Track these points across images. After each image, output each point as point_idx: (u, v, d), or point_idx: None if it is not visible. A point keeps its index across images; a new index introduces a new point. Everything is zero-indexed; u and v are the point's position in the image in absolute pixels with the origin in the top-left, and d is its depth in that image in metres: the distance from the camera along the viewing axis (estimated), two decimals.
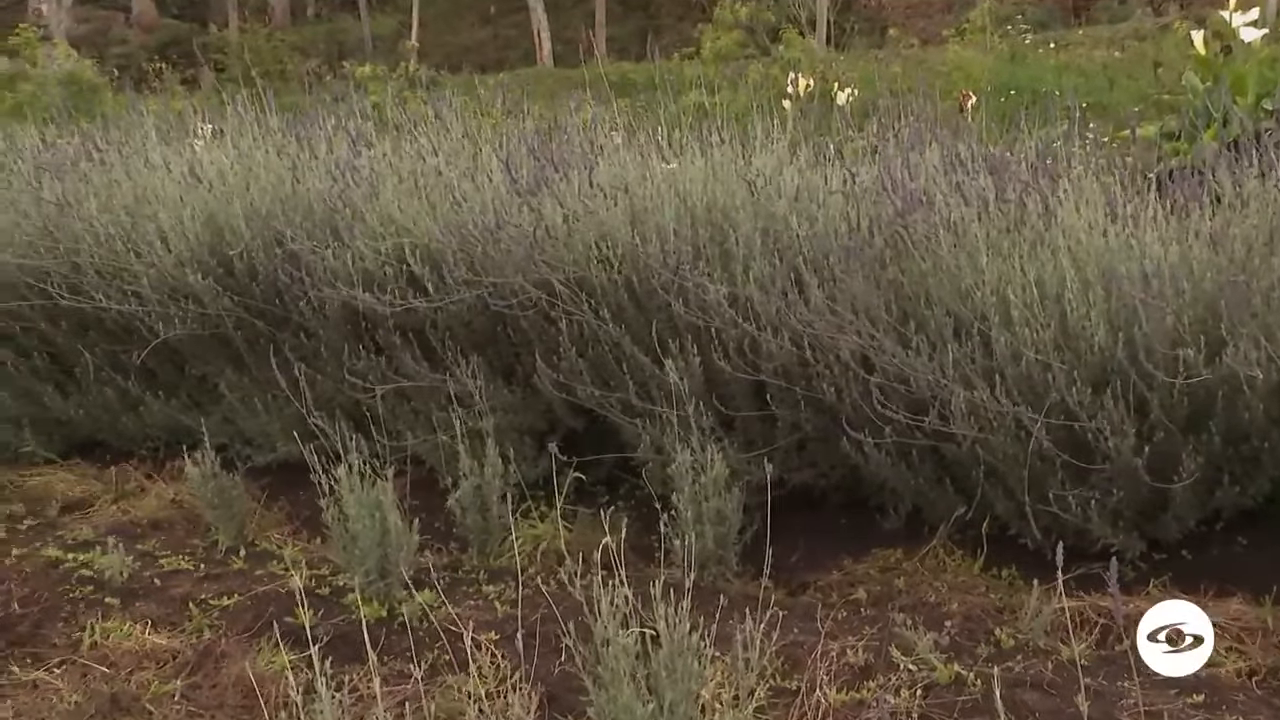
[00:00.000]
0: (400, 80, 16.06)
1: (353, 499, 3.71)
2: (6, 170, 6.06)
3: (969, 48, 16.61)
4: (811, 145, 4.91)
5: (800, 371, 4.05)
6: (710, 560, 3.82)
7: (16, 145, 6.44)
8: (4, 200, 5.74)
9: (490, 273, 4.46)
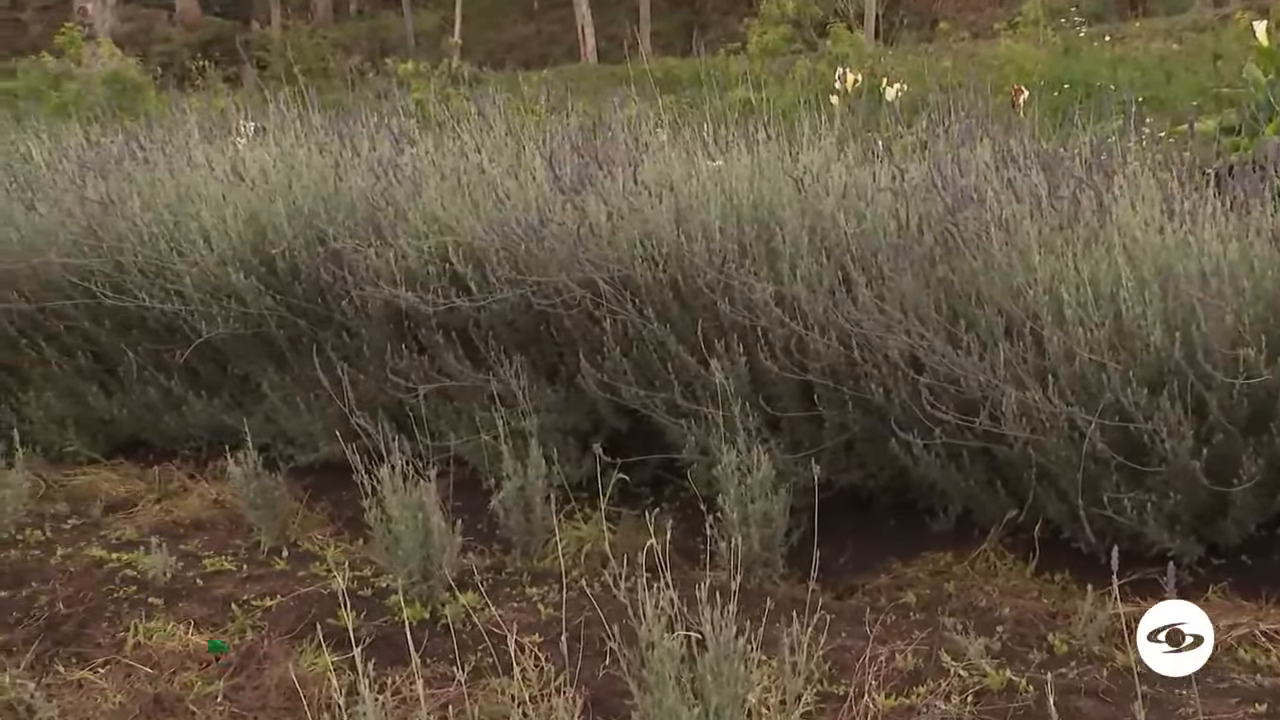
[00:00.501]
0: (443, 77, 16.13)
1: (395, 500, 3.73)
2: (52, 169, 6.14)
3: (1021, 41, 16.46)
4: (859, 142, 4.89)
5: (848, 371, 4.04)
6: (756, 563, 3.81)
7: (62, 144, 6.52)
8: (49, 199, 5.82)
9: (534, 271, 4.47)
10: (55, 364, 5.68)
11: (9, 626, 3.79)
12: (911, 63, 14.71)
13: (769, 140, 4.75)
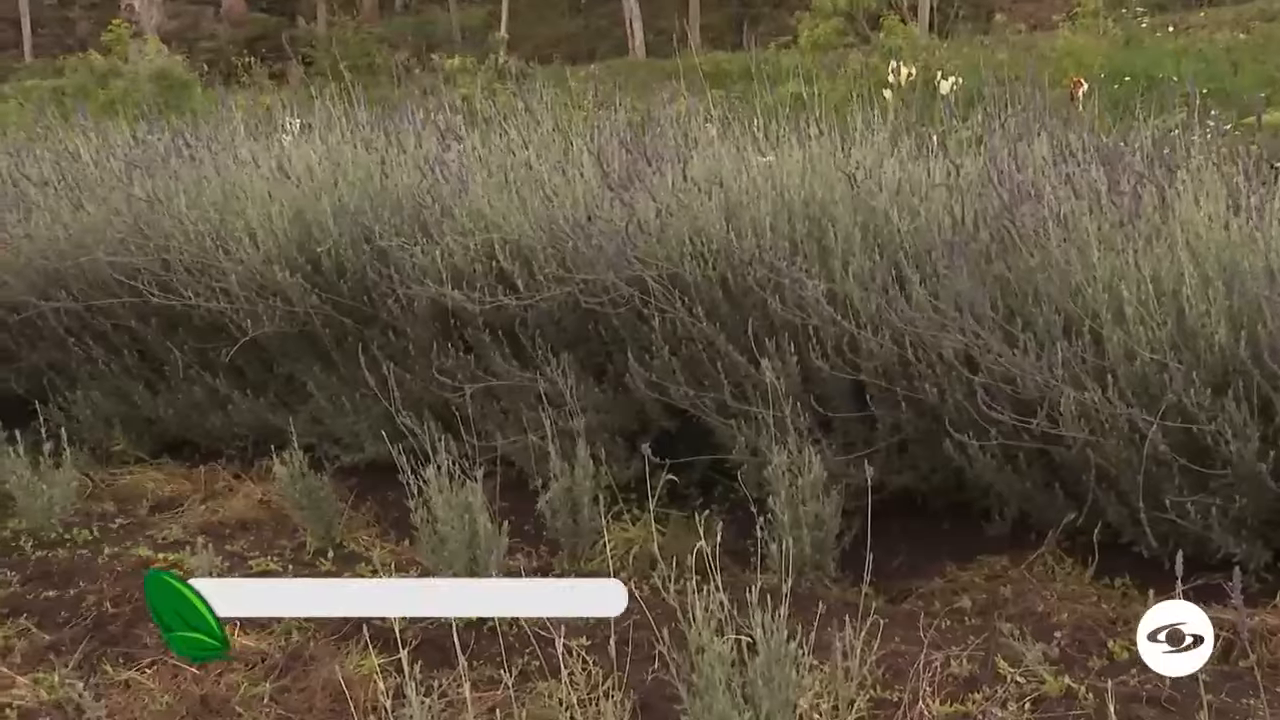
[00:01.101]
0: (489, 72, 16.21)
1: (441, 500, 3.75)
2: (99, 167, 6.22)
3: (1081, 32, 16.33)
4: (913, 136, 4.87)
5: (901, 371, 4.02)
6: (808, 566, 3.80)
7: (109, 142, 6.61)
8: (96, 197, 5.90)
9: (581, 269, 4.48)
10: (102, 363, 5.76)
11: (57, 626, 3.85)
12: (967, 55, 14.61)
13: (821, 135, 4.73)
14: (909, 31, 17.95)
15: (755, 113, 5.10)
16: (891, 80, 7.86)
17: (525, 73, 14.91)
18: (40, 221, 5.91)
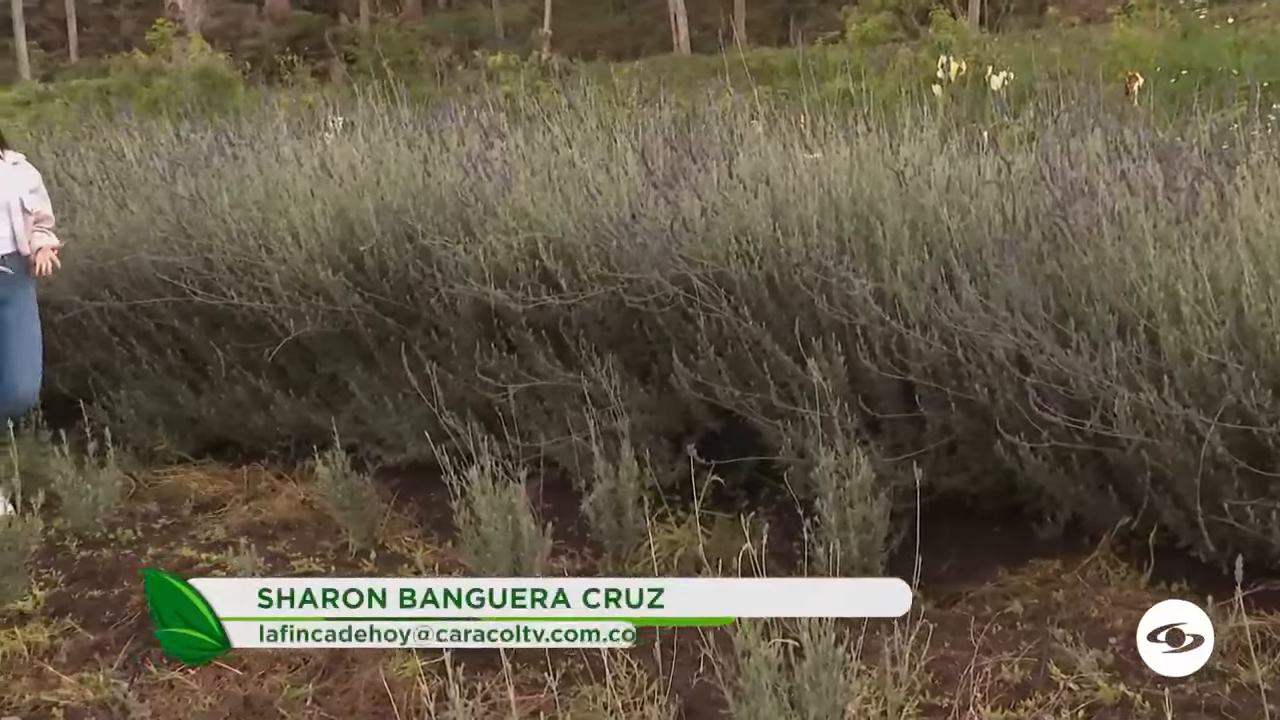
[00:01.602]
0: (533, 69, 16.26)
1: (485, 501, 3.77)
2: (143, 166, 6.29)
3: (1136, 25, 16.17)
4: (963, 133, 4.84)
5: (951, 371, 4.00)
6: (855, 569, 3.79)
7: (152, 141, 6.68)
8: (140, 196, 5.97)
9: (625, 268, 4.48)
10: (145, 362, 5.83)
11: (102, 626, 3.90)
12: (1018, 50, 14.51)
13: (869, 132, 4.72)
14: (959, 26, 17.84)
15: (802, 109, 5.08)
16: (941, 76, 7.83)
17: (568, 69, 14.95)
18: (85, 221, 5.99)
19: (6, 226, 4.93)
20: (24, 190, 4.98)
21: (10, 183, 4.96)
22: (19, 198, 4.95)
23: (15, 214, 4.94)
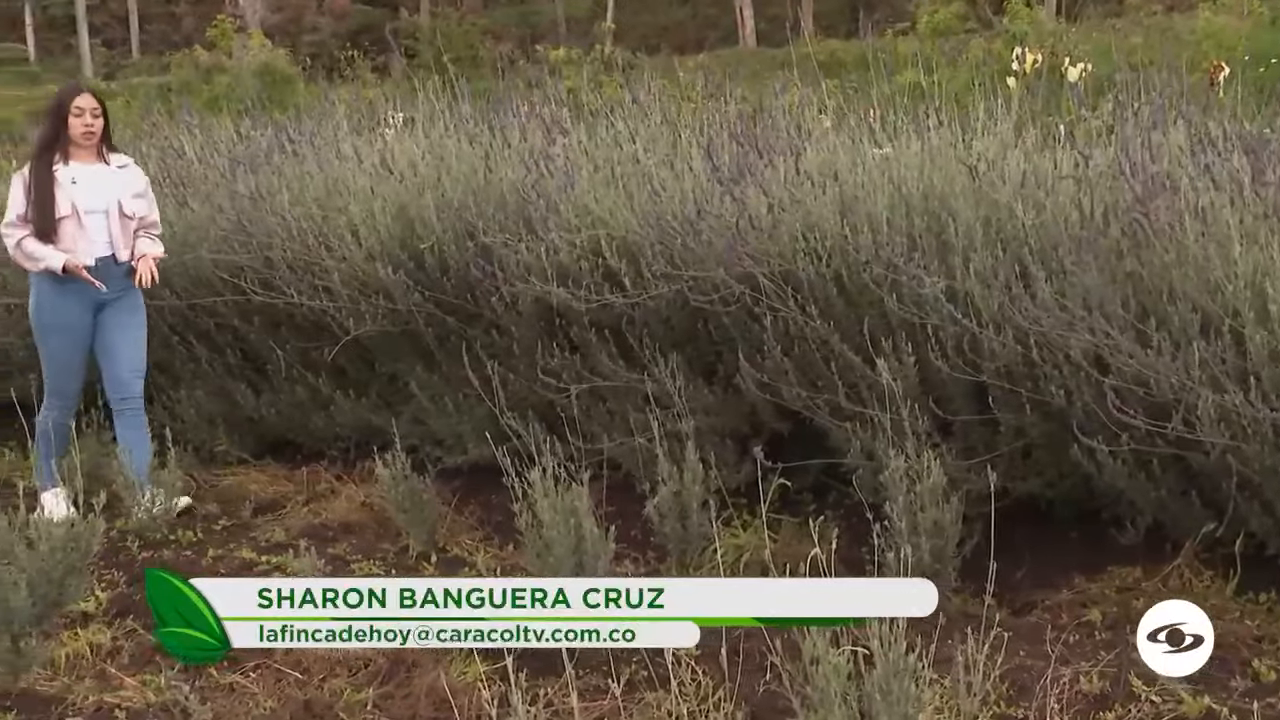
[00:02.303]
0: (595, 63, 16.30)
1: (546, 504, 3.78)
2: (203, 164, 6.37)
3: (1222, 13, 15.92)
4: (1039, 126, 4.80)
5: (1025, 372, 3.96)
6: (927, 575, 3.75)
7: (213, 139, 6.76)
8: (200, 194, 6.04)
9: (690, 266, 4.48)
10: (205, 362, 5.90)
11: None
12: (1097, 40, 14.34)
13: (940, 126, 4.68)
14: (1035, 15, 17.65)
15: (871, 103, 5.06)
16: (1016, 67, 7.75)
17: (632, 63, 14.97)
18: None
19: (104, 230, 4.99)
20: (125, 194, 5.04)
21: (111, 185, 5.02)
22: (118, 200, 5.01)
23: (114, 218, 4.99)
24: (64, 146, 4.99)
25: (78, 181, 4.96)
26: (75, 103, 4.98)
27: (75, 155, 5.00)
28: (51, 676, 3.62)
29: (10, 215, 4.95)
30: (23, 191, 4.94)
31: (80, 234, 4.93)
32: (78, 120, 4.96)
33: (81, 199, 4.94)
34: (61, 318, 4.97)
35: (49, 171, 4.94)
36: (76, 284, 4.89)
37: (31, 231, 4.89)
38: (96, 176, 5.01)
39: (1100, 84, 6.61)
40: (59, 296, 4.94)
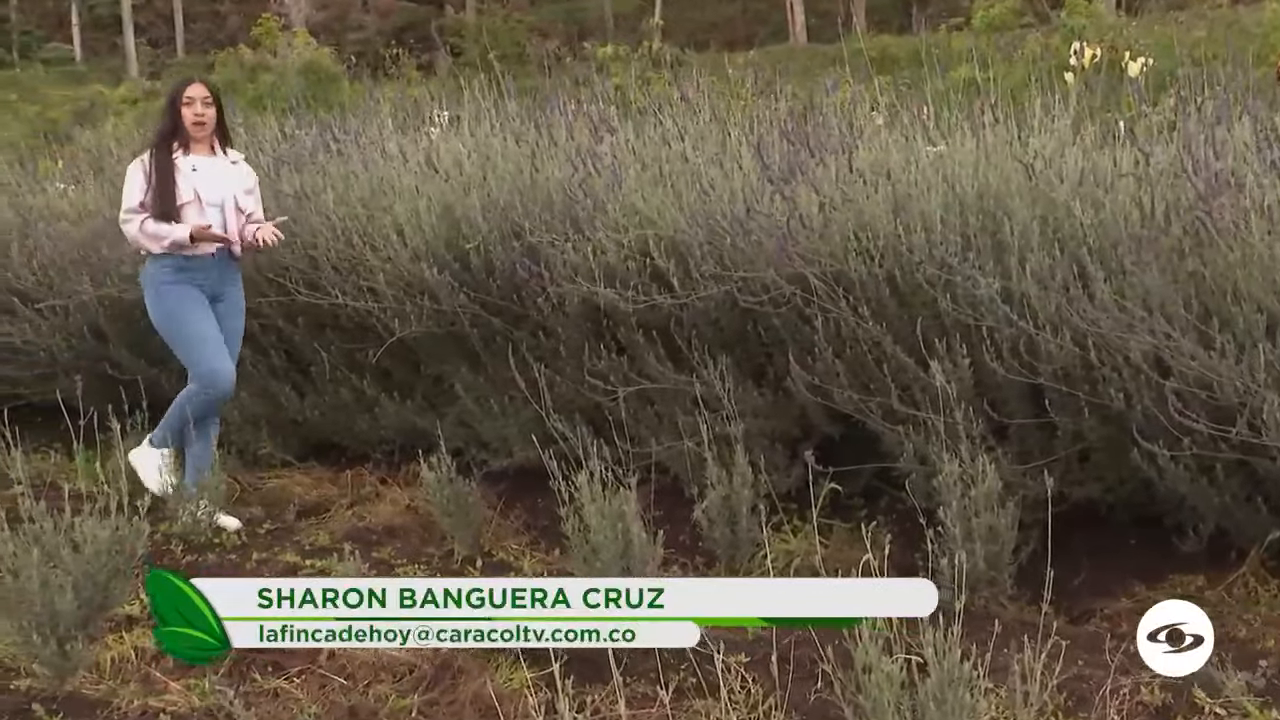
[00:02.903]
0: (643, 60, 16.30)
1: (593, 508, 3.78)
2: (248, 163, 6.41)
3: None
4: (1098, 123, 4.76)
5: (1083, 375, 3.93)
6: (982, 582, 3.75)
7: (257, 138, 6.81)
8: None
9: (740, 266, 4.48)
10: (250, 363, 5.94)
11: None
12: (1158, 33, 14.20)
13: (995, 123, 4.66)
14: (1094, 9, 17.51)
15: (925, 100, 5.03)
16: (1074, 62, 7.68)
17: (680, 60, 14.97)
18: None
19: (219, 222, 5.02)
20: (239, 189, 5.09)
21: (227, 179, 5.08)
22: (234, 195, 5.06)
23: (229, 212, 5.04)
24: (182, 138, 5.03)
25: (197, 170, 5.01)
26: (186, 92, 5.03)
27: (192, 148, 5.04)
28: (97, 680, 3.66)
29: (131, 202, 4.96)
30: (142, 178, 4.96)
31: (201, 221, 4.94)
32: (188, 110, 4.99)
33: (202, 188, 4.98)
34: (185, 295, 4.95)
35: (169, 158, 4.99)
36: (196, 271, 4.95)
37: (153, 214, 4.91)
38: (213, 168, 5.07)
39: (1162, 79, 6.55)
40: (175, 285, 4.95)
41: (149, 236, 4.92)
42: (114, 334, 6.39)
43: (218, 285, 5.02)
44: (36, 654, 3.48)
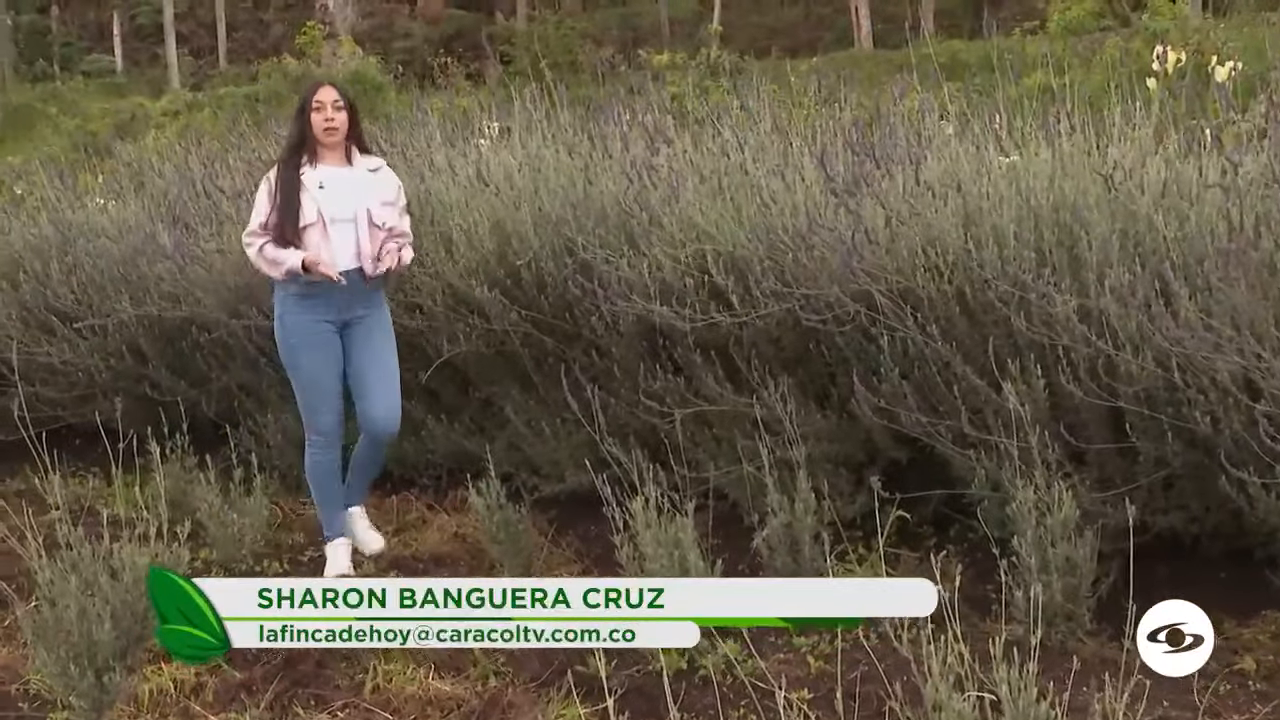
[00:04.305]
0: (701, 68, 16.34)
1: (649, 536, 3.79)
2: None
3: None
4: (1182, 131, 4.71)
5: (1167, 397, 3.89)
6: (1058, 616, 3.71)
7: None
8: None
9: (802, 283, 4.47)
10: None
11: (248, 664, 4.03)
12: (1248, 36, 14.07)
13: (1072, 132, 4.63)
14: (1178, 10, 17.36)
15: (997, 107, 5.01)
16: (1156, 67, 7.62)
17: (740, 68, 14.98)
18: (233, 235, 6.18)
19: (351, 241, 4.78)
20: (375, 201, 4.84)
21: (359, 191, 4.83)
22: (367, 208, 4.80)
23: (362, 227, 4.78)
24: (311, 148, 4.83)
25: (325, 186, 4.79)
26: (315, 97, 4.82)
27: (323, 157, 4.84)
28: (135, 713, 3.71)
29: (253, 224, 4.80)
30: (267, 197, 4.79)
31: (324, 244, 4.73)
32: (318, 115, 4.79)
33: (328, 206, 4.76)
34: (307, 334, 4.78)
35: (295, 175, 4.78)
36: (322, 297, 4.73)
37: (273, 238, 4.72)
38: (345, 181, 4.83)
39: (1251, 84, 6.48)
40: (303, 312, 4.76)
41: (268, 262, 4.74)
42: (154, 354, 6.47)
43: (347, 310, 4.79)
44: (74, 686, 3.52)
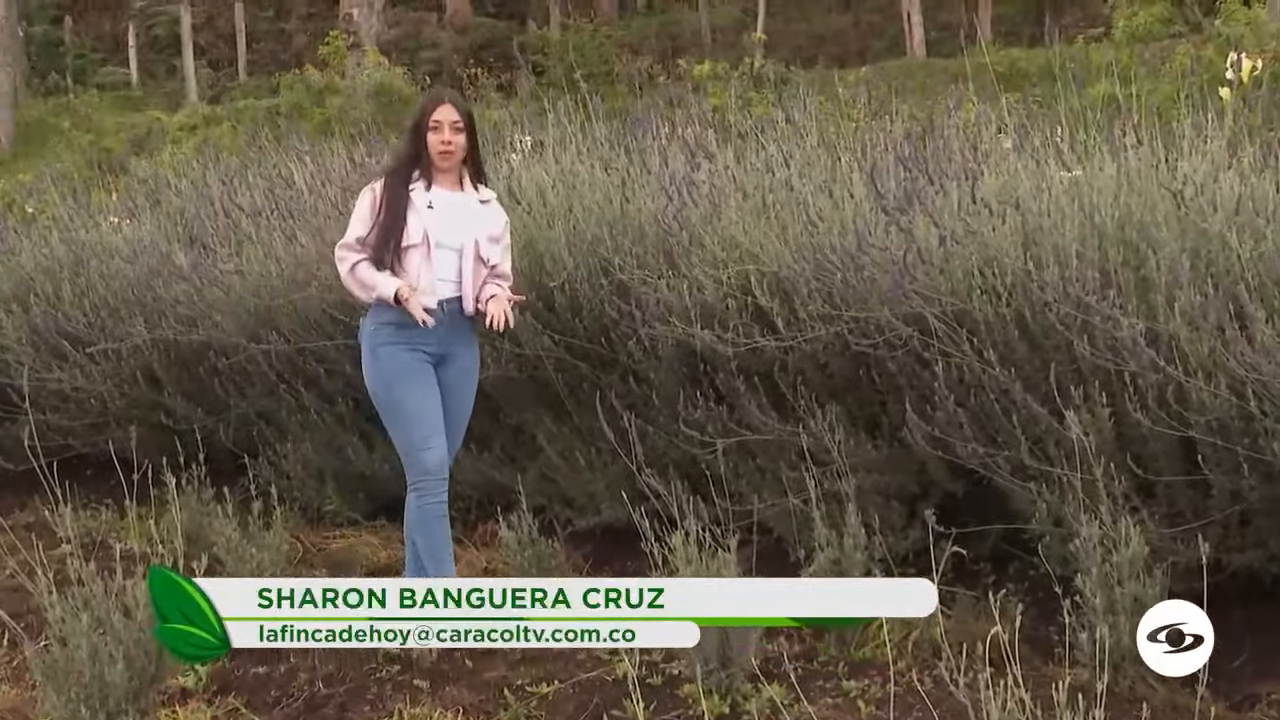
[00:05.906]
0: (744, 79, 16.35)
1: (690, 572, 3.79)
2: (314, 194, 6.52)
3: None
4: (1258, 144, 4.69)
5: (1242, 427, 3.87)
6: (1126, 659, 3.69)
7: (324, 166, 6.90)
8: (310, 228, 6.17)
9: (851, 305, 4.47)
10: (315, 412, 6.02)
11: (267, 706, 4.04)
12: None
13: (1139, 145, 4.61)
14: (1254, 15, 17.26)
15: (1059, 119, 5.00)
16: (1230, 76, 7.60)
17: (785, 78, 15.00)
18: (252, 255, 6.23)
19: (454, 269, 4.59)
20: (484, 234, 4.63)
21: (471, 220, 4.63)
22: (475, 239, 4.60)
23: (468, 256, 4.59)
24: (425, 167, 4.63)
25: (435, 207, 4.60)
26: (434, 115, 4.60)
27: (436, 179, 4.64)
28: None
29: (349, 236, 4.61)
30: (369, 210, 4.60)
31: (426, 268, 4.54)
32: (435, 136, 4.58)
33: (435, 229, 4.56)
34: (406, 366, 4.53)
35: (404, 190, 4.59)
36: (412, 330, 4.49)
37: (369, 257, 4.54)
38: (457, 207, 4.64)
39: None
40: (400, 342, 4.52)
41: (357, 283, 4.56)
42: (169, 380, 6.51)
43: (444, 345, 4.59)
44: None
